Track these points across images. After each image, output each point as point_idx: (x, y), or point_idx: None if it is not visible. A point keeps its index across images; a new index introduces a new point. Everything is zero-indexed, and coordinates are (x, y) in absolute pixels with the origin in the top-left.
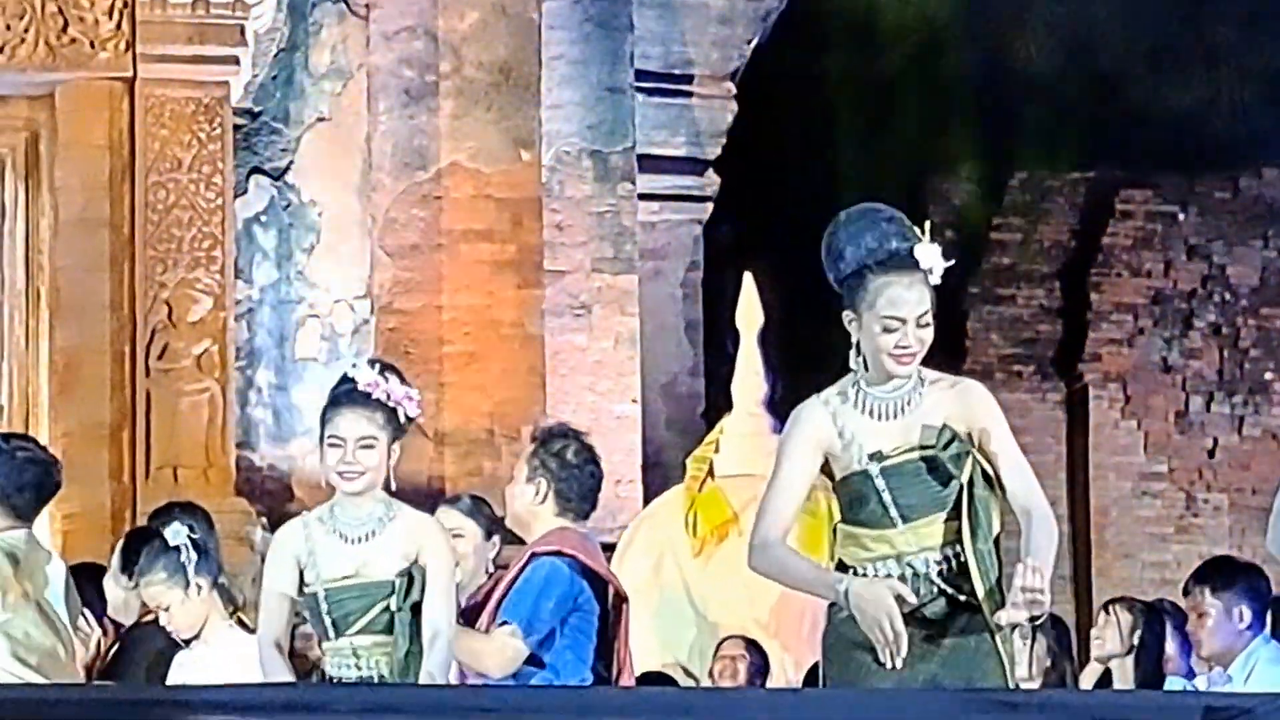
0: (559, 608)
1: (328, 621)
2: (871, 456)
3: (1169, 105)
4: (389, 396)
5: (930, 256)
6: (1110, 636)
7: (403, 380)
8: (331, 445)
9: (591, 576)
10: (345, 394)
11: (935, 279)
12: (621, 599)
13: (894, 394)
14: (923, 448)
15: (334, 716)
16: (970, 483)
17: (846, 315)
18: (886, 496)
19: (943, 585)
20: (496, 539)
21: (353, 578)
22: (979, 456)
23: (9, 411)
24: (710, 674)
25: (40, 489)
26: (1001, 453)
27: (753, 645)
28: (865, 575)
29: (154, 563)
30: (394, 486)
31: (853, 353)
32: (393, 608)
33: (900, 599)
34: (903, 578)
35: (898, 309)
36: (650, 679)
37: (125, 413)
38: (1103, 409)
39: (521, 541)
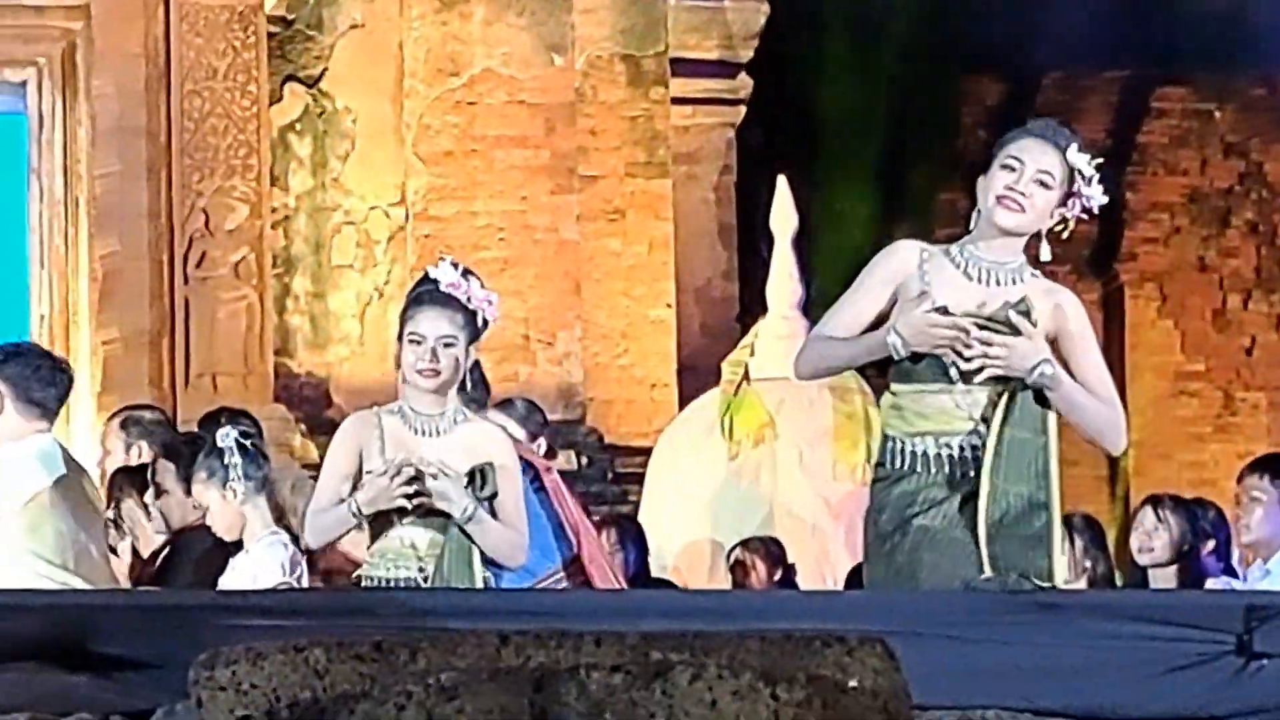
0: None
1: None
2: (938, 309)
3: (1204, 2)
4: (469, 299)
5: (1078, 158)
6: (1161, 544)
7: (482, 285)
8: (411, 342)
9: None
10: (428, 293)
11: (1081, 184)
12: (544, 469)
13: (991, 259)
14: (989, 319)
15: (378, 620)
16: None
17: (981, 180)
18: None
19: (978, 454)
20: (542, 440)
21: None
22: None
23: (49, 320)
24: (735, 580)
25: (66, 389)
26: (1083, 355)
27: (775, 544)
28: (905, 447)
29: (201, 462)
30: (468, 389)
31: (974, 215)
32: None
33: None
34: (938, 456)
35: (1021, 153)
36: (662, 587)
37: (164, 321)
38: (1139, 308)
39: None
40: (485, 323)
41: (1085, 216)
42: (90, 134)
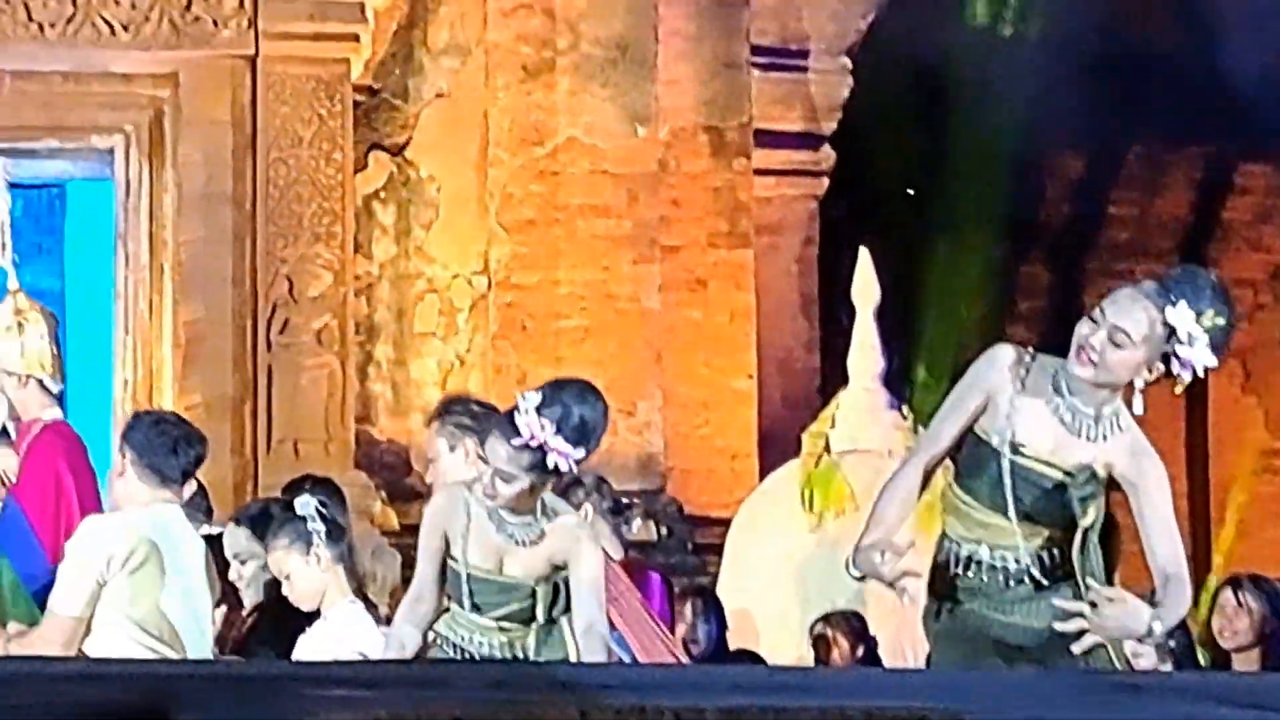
0: None
1: (467, 603)
2: (1013, 444)
3: None
4: (542, 447)
5: (1181, 317)
6: (1243, 627)
7: (583, 427)
8: (479, 457)
9: None
10: (506, 419)
11: (1181, 346)
12: None
13: (1081, 408)
14: (1064, 473)
15: (456, 693)
16: (1089, 528)
17: None
18: (1006, 482)
19: (1034, 575)
20: (588, 507)
21: (494, 573)
22: (1102, 506)
23: (133, 384)
24: (816, 654)
25: (194, 460)
26: (1153, 518)
27: (857, 619)
28: (961, 551)
29: (280, 530)
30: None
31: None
32: (539, 619)
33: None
34: (991, 567)
35: (1108, 306)
36: (742, 659)
37: (247, 386)
38: (1222, 385)
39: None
40: (557, 470)
41: (1189, 376)
42: (176, 200)
